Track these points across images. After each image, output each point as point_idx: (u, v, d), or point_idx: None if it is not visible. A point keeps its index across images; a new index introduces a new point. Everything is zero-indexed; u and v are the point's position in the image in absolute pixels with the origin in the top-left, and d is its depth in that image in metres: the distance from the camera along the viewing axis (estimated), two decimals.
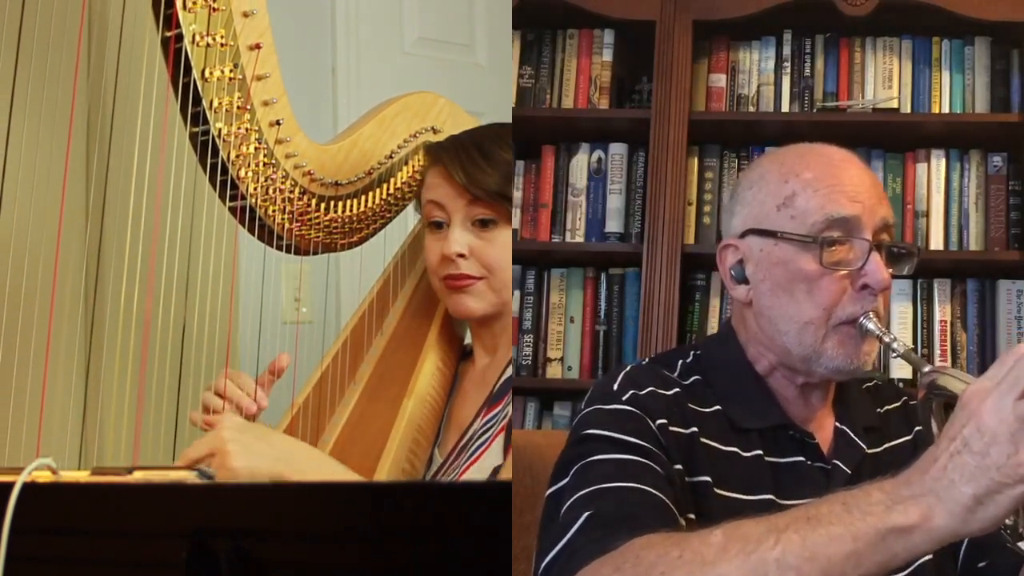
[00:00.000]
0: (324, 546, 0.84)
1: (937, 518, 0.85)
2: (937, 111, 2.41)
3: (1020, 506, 0.90)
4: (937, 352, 2.35)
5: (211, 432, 1.37)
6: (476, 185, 1.54)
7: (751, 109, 2.46)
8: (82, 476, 0.93)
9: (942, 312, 2.37)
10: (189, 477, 0.92)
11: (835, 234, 1.17)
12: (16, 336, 1.76)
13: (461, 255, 1.55)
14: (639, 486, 1.07)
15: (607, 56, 2.50)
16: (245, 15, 1.42)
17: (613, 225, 2.45)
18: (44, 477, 0.91)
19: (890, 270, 1.20)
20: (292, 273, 2.28)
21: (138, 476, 0.91)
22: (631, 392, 1.17)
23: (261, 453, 1.36)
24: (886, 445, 1.26)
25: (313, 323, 2.31)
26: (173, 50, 1.38)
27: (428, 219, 1.61)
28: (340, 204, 1.64)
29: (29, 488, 0.88)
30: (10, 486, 0.87)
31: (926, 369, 1.05)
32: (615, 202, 2.45)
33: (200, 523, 0.84)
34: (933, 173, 2.41)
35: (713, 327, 2.40)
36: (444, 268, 1.57)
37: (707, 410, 1.20)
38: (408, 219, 1.77)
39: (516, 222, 2.45)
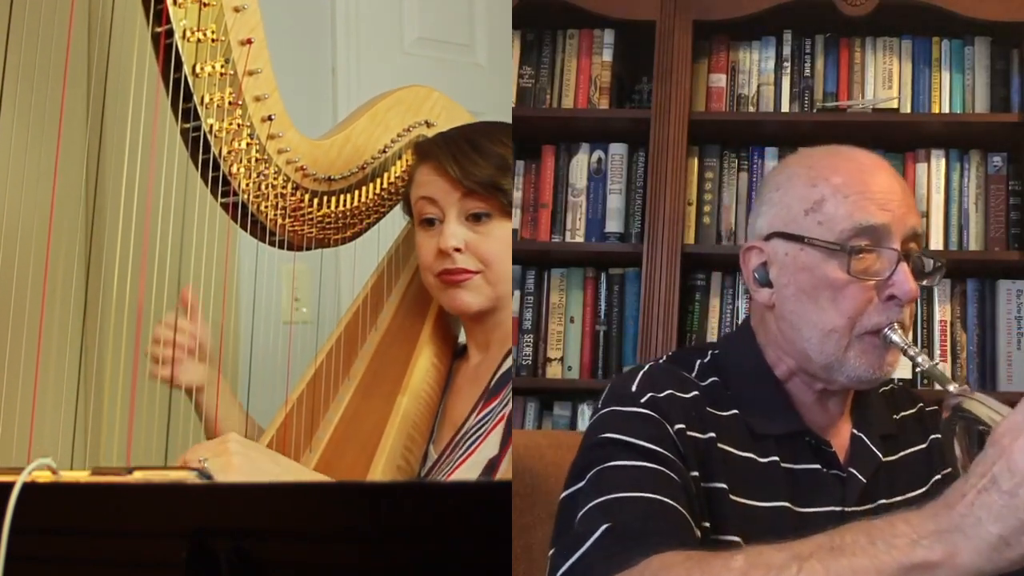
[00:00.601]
0: (324, 546, 0.84)
1: (962, 556, 0.83)
2: (937, 111, 2.41)
3: None
4: (937, 352, 2.35)
5: (215, 440, 1.37)
6: (470, 177, 1.54)
7: (751, 109, 2.46)
8: (82, 476, 0.93)
9: (942, 312, 2.37)
10: (189, 477, 0.92)
11: (863, 242, 1.14)
12: (7, 334, 1.76)
13: (458, 249, 1.55)
14: (657, 497, 1.06)
15: (607, 56, 2.50)
16: (236, 10, 1.42)
17: (613, 225, 2.45)
18: (44, 477, 0.91)
19: (923, 282, 1.18)
20: (292, 273, 2.28)
21: (138, 476, 0.91)
22: (649, 395, 1.15)
23: (267, 470, 1.35)
24: (901, 453, 1.25)
25: (310, 323, 2.31)
26: (163, 46, 1.38)
27: (420, 216, 1.60)
28: (333, 199, 1.63)
29: (29, 488, 0.88)
30: (10, 486, 0.87)
31: (951, 389, 1.04)
32: (615, 202, 2.45)
33: (200, 523, 0.84)
34: (933, 173, 2.41)
35: (713, 327, 2.40)
36: (440, 263, 1.57)
37: (725, 414, 1.18)
38: (402, 214, 1.77)
39: (516, 222, 2.45)
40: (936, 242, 2.38)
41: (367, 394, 1.62)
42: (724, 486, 1.13)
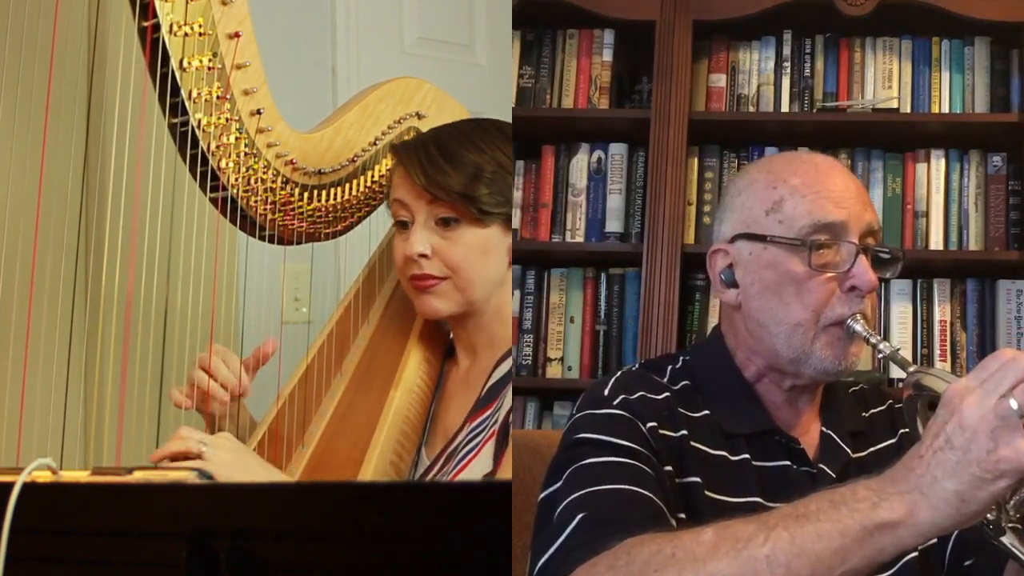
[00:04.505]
0: (324, 546, 0.84)
1: (921, 513, 0.88)
2: (937, 111, 2.41)
3: (1001, 501, 0.93)
4: (937, 352, 2.35)
5: (214, 436, 1.39)
6: (435, 186, 1.52)
7: (751, 109, 2.46)
8: (82, 476, 0.93)
9: (942, 312, 2.37)
10: (189, 477, 0.92)
11: (823, 238, 1.19)
12: (10, 334, 1.75)
13: (423, 255, 1.54)
14: (631, 487, 1.09)
15: (607, 56, 2.50)
16: (223, 3, 1.41)
17: (613, 225, 2.45)
18: (44, 477, 0.91)
19: (884, 275, 1.22)
20: (293, 273, 2.28)
21: (138, 476, 0.91)
22: (621, 397, 1.18)
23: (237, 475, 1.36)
24: (870, 449, 1.27)
25: (313, 323, 2.31)
26: (150, 40, 1.37)
27: (395, 218, 1.60)
28: (324, 193, 1.63)
29: (29, 488, 0.88)
30: (10, 486, 0.87)
31: (911, 369, 1.07)
32: (615, 202, 2.45)
33: (200, 523, 0.84)
34: (933, 173, 2.41)
35: (713, 327, 2.40)
36: (408, 268, 1.56)
37: (696, 415, 1.21)
38: None
39: (516, 222, 2.45)
40: (936, 242, 2.38)
41: (359, 389, 1.62)
42: (699, 480, 1.16)
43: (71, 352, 1.69)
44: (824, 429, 1.26)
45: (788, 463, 1.22)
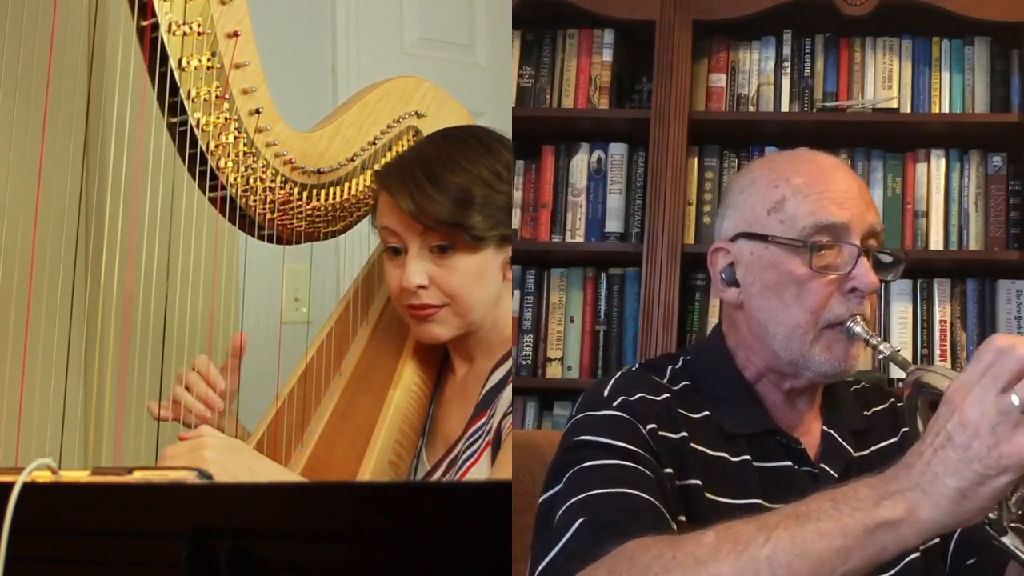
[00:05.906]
0: (324, 546, 0.84)
1: (923, 511, 0.87)
2: (937, 111, 2.41)
3: (1003, 499, 0.93)
4: (937, 352, 2.35)
5: (193, 444, 1.36)
6: (426, 215, 1.48)
7: (751, 109, 2.46)
8: (82, 476, 0.93)
9: (942, 312, 2.37)
10: (189, 477, 0.92)
11: (824, 239, 1.18)
12: (9, 334, 1.75)
13: (422, 286, 1.52)
14: (631, 491, 1.09)
15: (607, 56, 2.50)
16: (222, 2, 1.41)
17: (613, 225, 2.45)
18: (44, 477, 0.90)
19: (885, 277, 1.22)
20: (292, 272, 2.28)
21: (138, 476, 0.91)
22: (621, 398, 1.18)
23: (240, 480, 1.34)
24: (872, 448, 1.27)
25: (312, 323, 2.31)
26: (149, 39, 1.37)
27: (385, 244, 1.57)
28: (323, 192, 1.63)
29: (29, 488, 0.88)
30: (10, 486, 0.87)
31: (911, 368, 1.07)
32: (615, 202, 2.45)
33: (200, 523, 0.84)
34: (933, 173, 2.41)
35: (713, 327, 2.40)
36: (405, 297, 1.54)
37: (696, 416, 1.21)
38: None
39: (516, 222, 2.45)
40: (936, 242, 2.38)
41: (358, 388, 1.62)
42: (699, 482, 1.16)
43: (71, 352, 1.69)
44: (825, 428, 1.26)
45: (789, 463, 1.21)
